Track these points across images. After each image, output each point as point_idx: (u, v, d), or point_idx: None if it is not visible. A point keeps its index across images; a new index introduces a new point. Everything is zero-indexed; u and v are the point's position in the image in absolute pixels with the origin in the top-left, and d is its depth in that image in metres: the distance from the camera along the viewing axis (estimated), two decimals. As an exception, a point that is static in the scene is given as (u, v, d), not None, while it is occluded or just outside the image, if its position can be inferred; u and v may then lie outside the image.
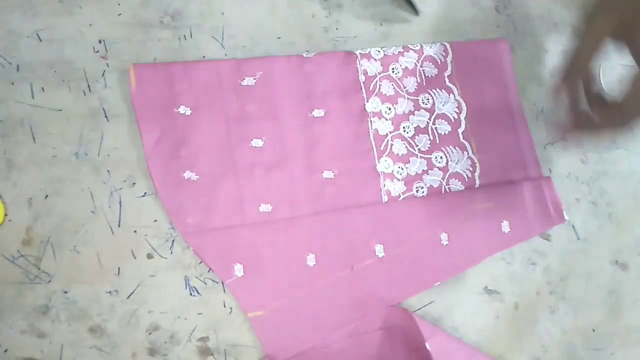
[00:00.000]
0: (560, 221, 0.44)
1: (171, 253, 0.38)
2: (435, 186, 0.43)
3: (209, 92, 0.40)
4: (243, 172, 0.39)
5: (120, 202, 0.38)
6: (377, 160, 0.42)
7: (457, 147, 0.44)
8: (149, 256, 0.37)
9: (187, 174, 0.38)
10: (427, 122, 0.44)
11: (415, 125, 0.43)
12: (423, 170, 0.43)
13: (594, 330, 0.44)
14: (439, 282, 0.41)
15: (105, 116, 0.39)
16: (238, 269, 0.38)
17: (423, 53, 0.45)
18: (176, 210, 0.38)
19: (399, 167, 0.42)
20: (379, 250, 0.40)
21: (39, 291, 0.35)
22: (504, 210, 0.43)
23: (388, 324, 0.40)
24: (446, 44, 0.46)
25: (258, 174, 0.40)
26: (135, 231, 0.38)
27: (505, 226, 0.43)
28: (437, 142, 0.44)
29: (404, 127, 0.43)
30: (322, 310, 0.39)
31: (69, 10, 0.40)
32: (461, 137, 0.44)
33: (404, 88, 0.44)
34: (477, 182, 0.43)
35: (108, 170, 0.38)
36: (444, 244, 0.42)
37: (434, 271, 0.41)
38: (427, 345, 0.37)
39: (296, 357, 0.38)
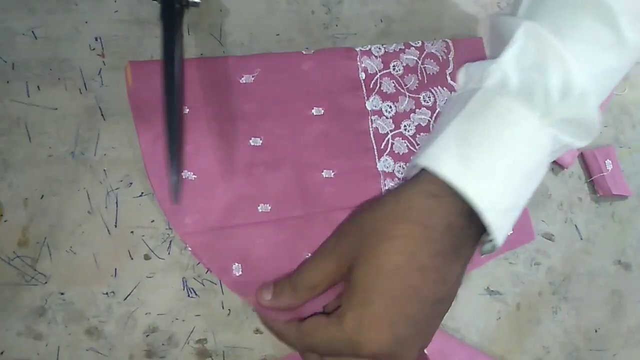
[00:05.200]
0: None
1: (169, 254, 0.37)
2: (436, 185, 0.42)
3: (207, 90, 0.39)
4: (241, 171, 0.39)
5: (117, 202, 0.37)
6: (377, 159, 0.41)
7: (458, 146, 0.43)
8: (146, 257, 0.37)
9: (185, 174, 0.38)
10: (429, 120, 0.43)
11: (416, 123, 0.43)
12: (424, 169, 0.42)
13: (596, 331, 0.44)
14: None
15: (102, 115, 0.38)
16: (236, 269, 0.37)
17: (424, 50, 0.44)
18: (174, 210, 0.37)
19: (400, 166, 0.42)
20: (379, 250, 0.40)
21: (35, 293, 0.35)
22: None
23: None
24: (448, 40, 0.45)
25: (257, 173, 0.39)
26: (132, 232, 0.37)
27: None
28: (439, 140, 0.43)
29: (404, 126, 0.43)
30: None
31: (64, 8, 0.40)
32: (463, 135, 0.43)
33: (405, 86, 0.43)
34: (479, 181, 0.43)
35: (104, 170, 0.38)
36: (445, 245, 0.41)
37: (435, 272, 0.41)
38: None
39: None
